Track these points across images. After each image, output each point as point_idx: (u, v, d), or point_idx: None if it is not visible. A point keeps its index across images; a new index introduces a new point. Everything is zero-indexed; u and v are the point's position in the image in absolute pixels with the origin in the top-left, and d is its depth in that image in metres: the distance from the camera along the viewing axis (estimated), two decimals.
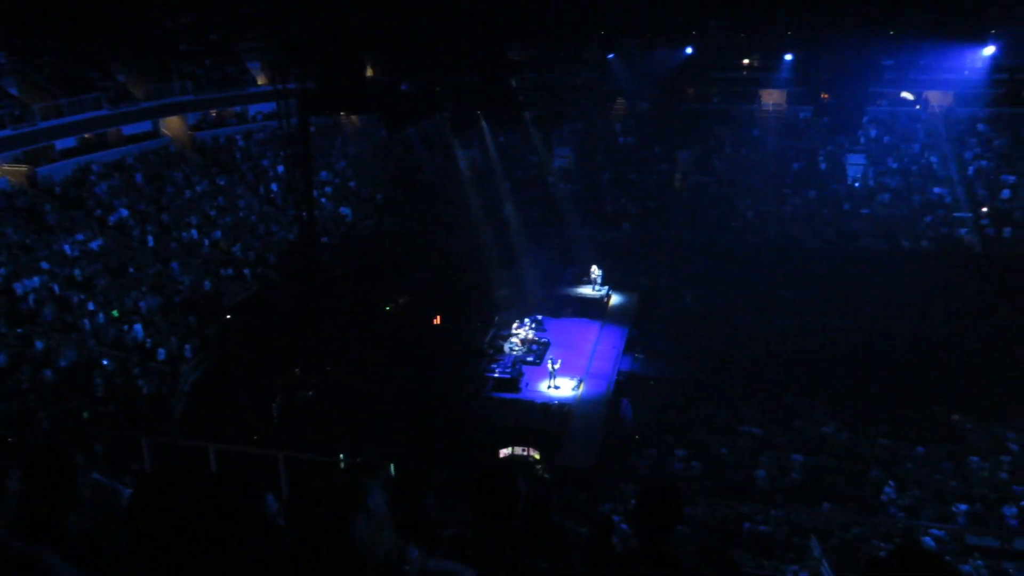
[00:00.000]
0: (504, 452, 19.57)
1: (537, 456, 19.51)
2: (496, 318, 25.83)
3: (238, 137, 31.39)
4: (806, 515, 17.60)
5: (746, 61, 31.03)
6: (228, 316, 22.56)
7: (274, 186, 29.72)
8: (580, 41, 25.45)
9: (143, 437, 8.08)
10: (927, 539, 16.36)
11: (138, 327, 20.44)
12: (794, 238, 28.49)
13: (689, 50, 23.68)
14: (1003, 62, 27.57)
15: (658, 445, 20.35)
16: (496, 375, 22.36)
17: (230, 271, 24.59)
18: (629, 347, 25.36)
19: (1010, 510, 17.32)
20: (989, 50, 27.68)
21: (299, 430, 18.90)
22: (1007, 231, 28.27)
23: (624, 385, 23.54)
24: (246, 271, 24.92)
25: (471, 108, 25.72)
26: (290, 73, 22.44)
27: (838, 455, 20.15)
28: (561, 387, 21.96)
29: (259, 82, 31.93)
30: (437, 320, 25.42)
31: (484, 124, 28.22)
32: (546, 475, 18.82)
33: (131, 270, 22.60)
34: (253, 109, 32.15)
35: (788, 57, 27.64)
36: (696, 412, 22.46)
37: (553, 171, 32.46)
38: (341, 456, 15.30)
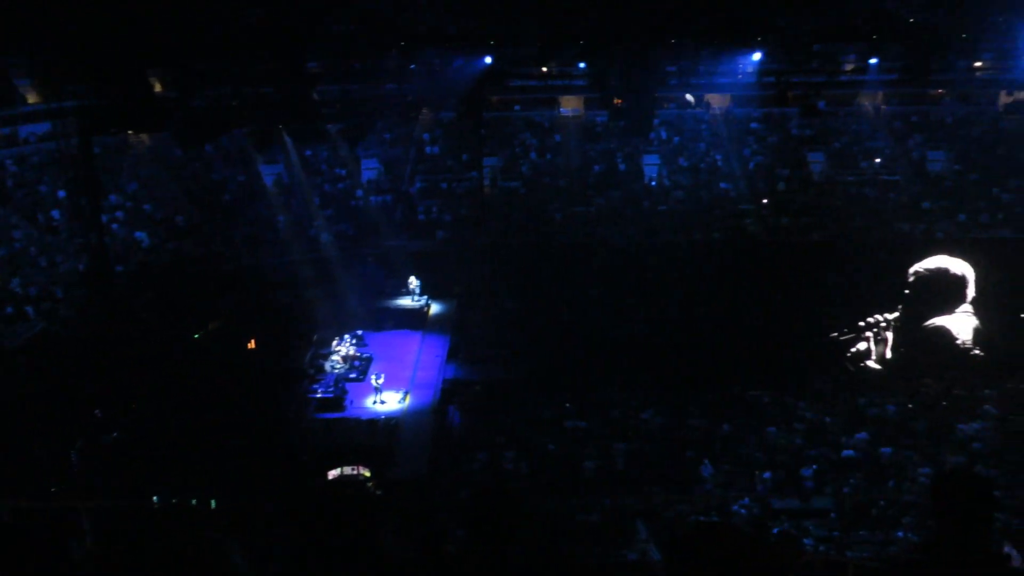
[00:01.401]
0: (333, 473, 19.03)
1: (368, 474, 19.14)
2: (315, 337, 25.10)
3: (8, 162, 28.45)
4: (632, 500, 18.48)
5: (544, 69, 32.09)
6: (11, 359, 20.42)
7: (55, 213, 27.19)
8: (380, 52, 25.27)
9: None
10: (738, 508, 17.71)
11: None
12: (601, 237, 29.80)
13: (488, 59, 24.17)
14: (770, 67, 30.27)
15: (488, 448, 20.61)
16: (319, 395, 21.71)
17: (9, 309, 22.28)
18: (452, 354, 25.49)
19: (807, 471, 19.05)
20: (757, 56, 30.34)
21: (105, 476, 17.42)
22: (785, 220, 31.17)
23: (450, 392, 23.64)
24: (28, 308, 22.68)
25: (271, 122, 24.87)
26: (66, 90, 20.67)
27: (656, 440, 21.30)
28: (387, 401, 21.68)
29: (30, 100, 29.06)
30: (251, 344, 24.31)
31: (287, 138, 27.37)
32: (378, 492, 18.50)
33: None
34: (25, 130, 29.21)
35: (582, 65, 28.91)
36: (522, 412, 22.97)
37: (362, 183, 32.05)
38: (155, 498, 14.28)
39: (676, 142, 34.99)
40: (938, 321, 25.65)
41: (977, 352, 25.50)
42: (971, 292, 25.24)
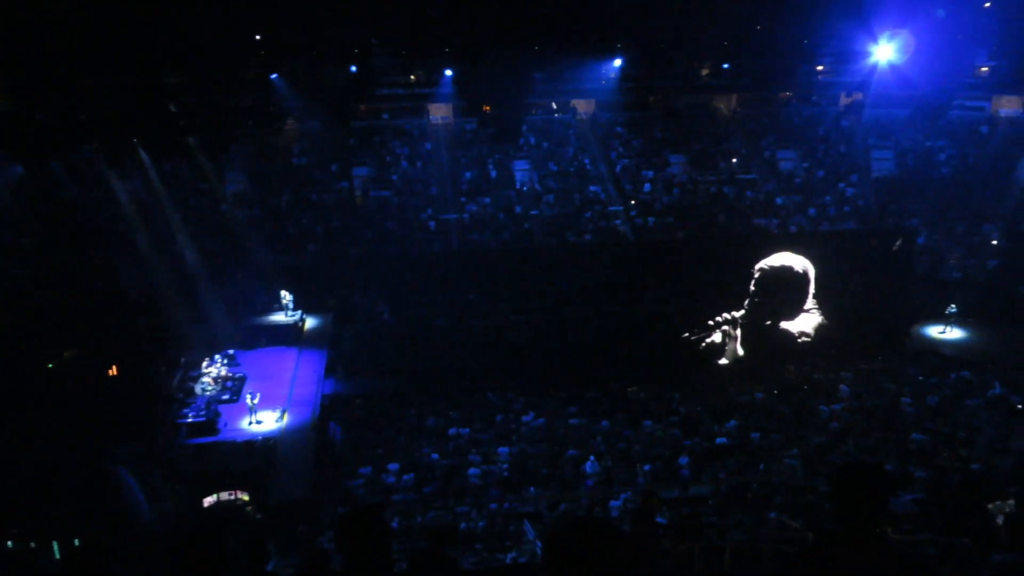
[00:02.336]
0: (209, 500, 18.21)
1: (246, 498, 18.42)
2: (182, 359, 23.95)
3: None
4: (517, 502, 18.60)
5: (412, 77, 31.99)
6: None
7: None
8: (238, 61, 24.41)
9: None
10: (617, 502, 18.12)
11: None
12: (476, 243, 29.95)
13: (353, 68, 23.82)
14: (630, 72, 31.36)
15: (371, 463, 20.26)
16: (189, 420, 20.68)
17: None
18: (330, 369, 24.93)
19: (683, 460, 19.74)
20: (617, 62, 31.37)
21: None
22: (651, 220, 32.29)
23: (330, 408, 23.11)
24: None
25: (125, 136, 23.58)
26: None
27: (538, 441, 21.54)
28: (264, 421, 20.93)
29: None
30: (113, 370, 22.91)
31: (143, 153, 26.01)
32: (258, 516, 17.84)
33: None
34: None
35: (448, 72, 29.01)
36: (404, 423, 22.73)
37: (227, 197, 30.88)
38: (9, 543, 13.27)
39: (545, 147, 35.62)
40: (794, 321, 26.94)
41: (824, 342, 26.88)
42: (812, 287, 26.58)
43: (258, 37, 24.11)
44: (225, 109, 26.39)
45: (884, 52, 26.28)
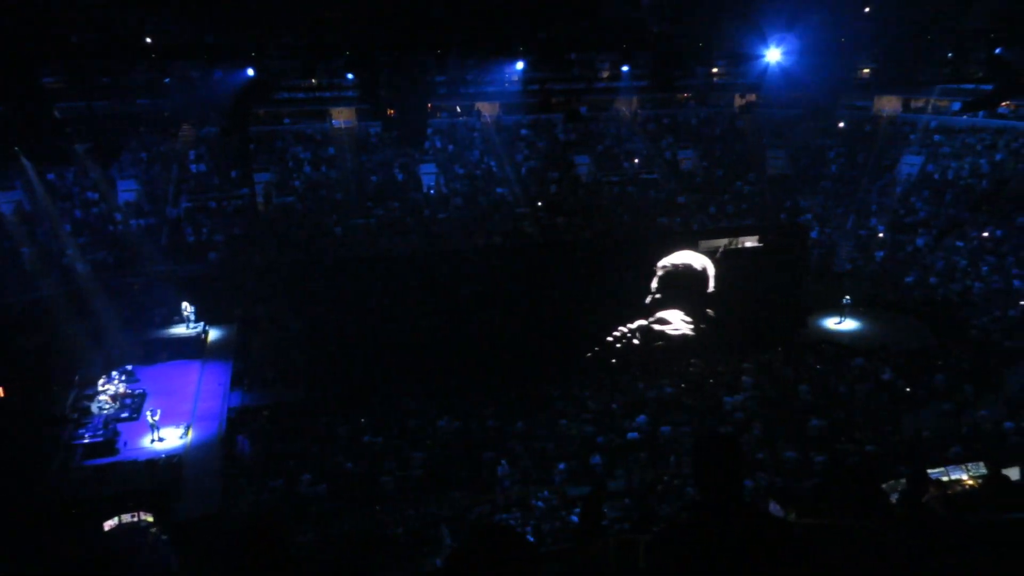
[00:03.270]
0: (110, 524, 17.37)
1: (151, 518, 17.65)
2: (76, 377, 22.82)
3: None
4: (434, 507, 18.48)
5: (312, 81, 31.36)
6: None
7: None
8: (128, 65, 23.38)
9: None
10: (537, 502, 18.24)
11: None
12: (383, 248, 29.62)
13: (250, 71, 23.15)
14: (532, 75, 31.59)
15: (283, 475, 19.75)
16: (86, 440, 19.74)
17: None
18: (236, 381, 24.22)
19: (595, 459, 20.01)
20: (519, 65, 31.55)
21: None
22: (559, 220, 32.67)
23: (237, 421, 22.42)
24: None
25: (5, 144, 22.27)
26: None
27: (453, 445, 21.45)
28: (167, 438, 20.18)
29: None
30: (0, 393, 21.64)
31: (25, 161, 24.65)
32: (164, 536, 17.13)
33: None
34: None
35: (350, 76, 28.56)
36: (315, 433, 22.26)
37: (120, 206, 29.61)
38: None
39: (451, 150, 35.61)
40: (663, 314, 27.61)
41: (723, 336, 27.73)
42: (712, 285, 27.25)
43: (148, 40, 23.16)
44: (115, 115, 25.26)
45: (774, 55, 27.33)
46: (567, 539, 16.73)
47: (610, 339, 27.18)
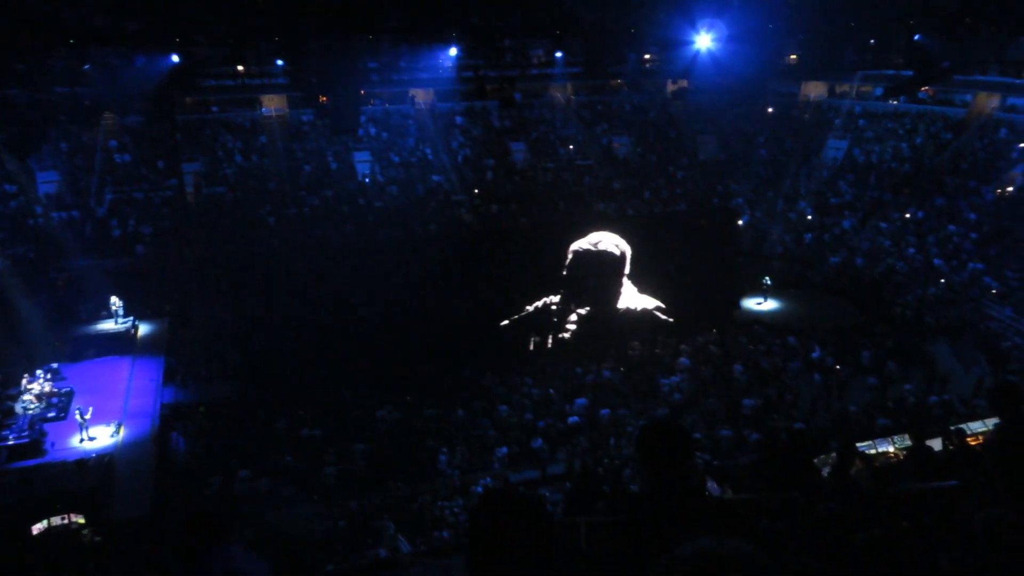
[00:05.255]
0: (39, 528, 16.80)
1: (82, 520, 17.14)
2: None
3: None
4: (376, 498, 18.38)
5: (240, 68, 30.58)
6: None
7: None
8: (44, 51, 22.39)
9: None
10: (479, 489, 18.30)
11: None
12: (318, 238, 29.18)
13: (175, 58, 22.42)
14: (466, 62, 31.37)
15: (221, 471, 19.38)
16: (11, 442, 18.98)
17: None
18: (169, 377, 23.61)
19: (537, 443, 20.17)
20: (453, 51, 31.33)
21: None
22: (495, 207, 32.65)
23: (171, 418, 21.88)
24: None
25: None
26: None
27: (394, 435, 21.35)
28: (97, 437, 19.54)
29: None
30: None
31: None
32: (96, 539, 16.67)
33: None
34: None
35: (280, 62, 27.93)
36: (253, 428, 21.90)
37: (40, 199, 28.49)
38: None
39: (385, 138, 35.23)
40: (623, 299, 27.79)
41: (663, 317, 28.14)
42: (627, 266, 27.45)
43: (66, 24, 22.21)
44: (33, 103, 24.19)
45: (704, 41, 27.72)
46: None
47: (526, 328, 26.94)
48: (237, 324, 25.43)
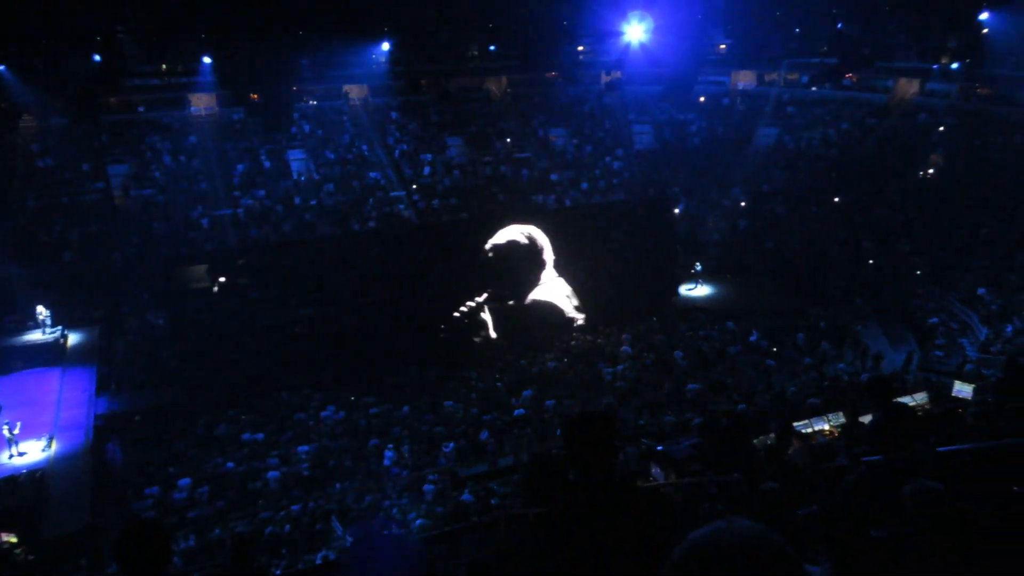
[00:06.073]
0: None
1: (14, 539, 16.53)
2: None
3: None
4: (323, 500, 18.14)
5: (165, 66, 29.81)
6: None
7: None
8: None
9: None
10: (428, 486, 18.22)
11: None
12: (254, 238, 28.63)
13: (97, 57, 21.69)
14: (399, 56, 31.24)
15: (159, 481, 18.89)
16: None
17: None
18: (103, 386, 22.93)
19: (484, 435, 20.17)
20: (385, 46, 31.14)
21: None
22: (435, 203, 32.49)
23: (106, 428, 21.26)
24: None
25: None
26: None
27: (339, 435, 21.10)
28: (28, 452, 18.90)
29: None
30: None
31: None
32: (30, 557, 16.10)
33: None
34: None
35: (207, 60, 27.28)
36: (193, 434, 21.40)
37: None
38: None
39: (320, 135, 34.72)
40: (538, 296, 27.82)
41: (578, 316, 28.29)
42: (549, 256, 27.48)
43: None
44: None
45: (636, 32, 28.06)
46: (459, 520, 16.84)
47: (467, 327, 26.79)
48: (173, 328, 24.80)
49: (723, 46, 35.47)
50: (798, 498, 6.91)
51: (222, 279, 23.98)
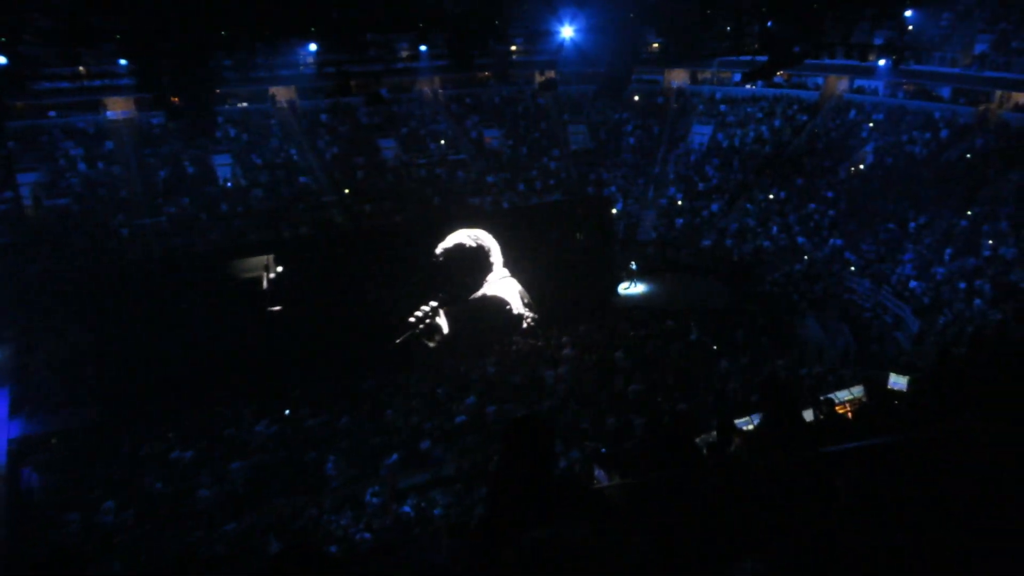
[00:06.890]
0: None
1: None
2: None
3: None
4: (258, 517, 17.37)
5: (81, 68, 28.38)
6: None
7: None
8: None
9: None
10: (371, 498, 17.61)
11: None
12: (179, 247, 27.49)
13: (2, 59, 20.44)
14: (329, 57, 30.27)
15: (80, 506, 17.82)
16: None
17: None
18: (16, 408, 21.64)
19: (425, 444, 19.63)
20: (313, 46, 30.22)
21: None
22: (368, 206, 31.77)
23: (21, 453, 20.03)
24: None
25: None
26: None
27: (274, 450, 20.29)
28: None
29: None
30: None
31: None
32: None
33: None
34: None
35: (123, 62, 26.01)
36: (116, 455, 20.31)
37: None
38: None
39: (246, 139, 33.67)
40: (487, 292, 27.38)
41: (528, 314, 27.97)
42: (497, 258, 27.09)
43: None
44: None
45: (568, 31, 27.81)
46: (400, 533, 16.26)
47: (414, 337, 26.26)
48: (92, 344, 23.52)
49: (656, 44, 35.53)
50: (740, 495, 6.63)
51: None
